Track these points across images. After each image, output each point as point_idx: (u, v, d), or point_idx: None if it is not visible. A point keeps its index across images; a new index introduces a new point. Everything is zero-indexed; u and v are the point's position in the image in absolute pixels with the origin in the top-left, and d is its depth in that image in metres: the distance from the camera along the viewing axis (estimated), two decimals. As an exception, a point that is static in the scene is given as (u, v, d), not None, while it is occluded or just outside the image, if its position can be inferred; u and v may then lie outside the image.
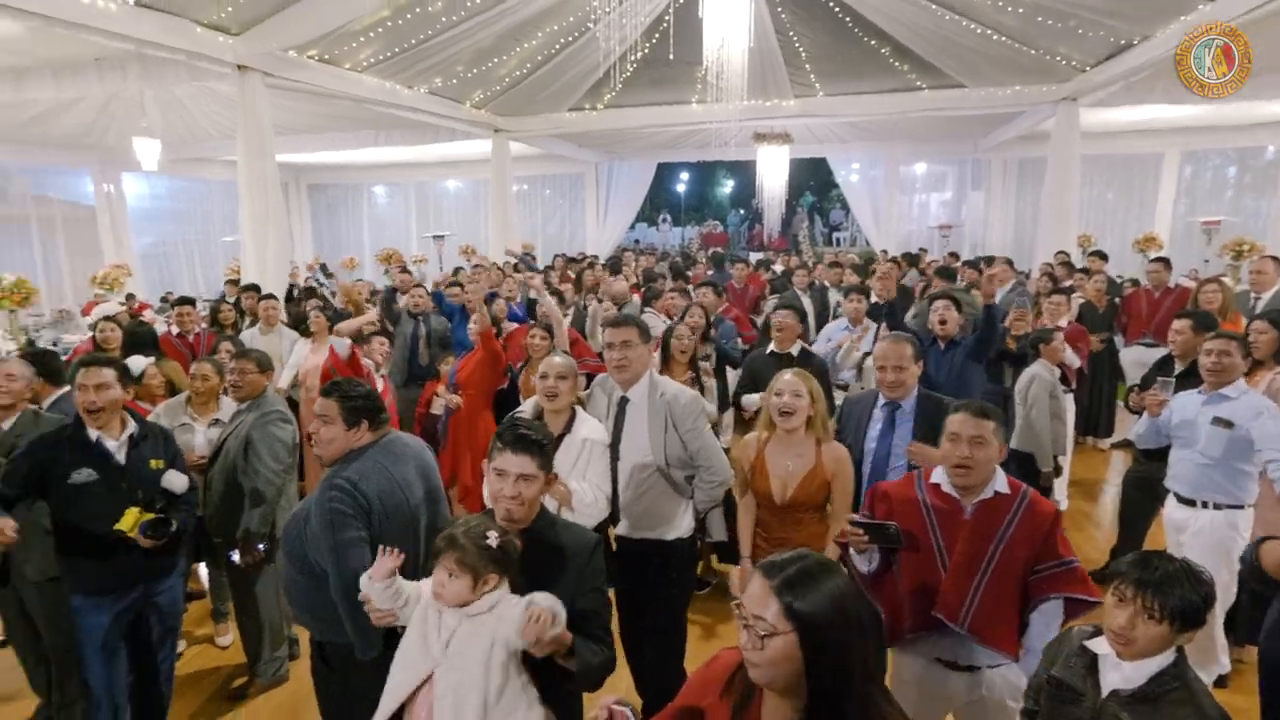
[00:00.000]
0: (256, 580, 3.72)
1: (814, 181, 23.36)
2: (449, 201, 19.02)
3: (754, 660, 1.44)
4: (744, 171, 21.14)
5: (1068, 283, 7.45)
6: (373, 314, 5.12)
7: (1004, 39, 9.18)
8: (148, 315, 8.75)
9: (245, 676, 3.86)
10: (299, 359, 5.84)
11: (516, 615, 1.87)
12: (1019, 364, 5.05)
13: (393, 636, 2.11)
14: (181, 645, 4.19)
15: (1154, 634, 1.73)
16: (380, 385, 4.91)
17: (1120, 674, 1.79)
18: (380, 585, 1.99)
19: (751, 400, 4.41)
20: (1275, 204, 12.55)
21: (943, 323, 4.45)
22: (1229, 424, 3.30)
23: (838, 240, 20.54)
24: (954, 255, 12.29)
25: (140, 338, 4.78)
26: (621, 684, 3.50)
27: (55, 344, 7.40)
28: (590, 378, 3.43)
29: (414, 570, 2.28)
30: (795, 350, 4.60)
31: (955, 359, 4.37)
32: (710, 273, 9.40)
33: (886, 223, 16.06)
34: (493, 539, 1.91)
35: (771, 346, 4.67)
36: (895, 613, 2.44)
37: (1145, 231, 13.20)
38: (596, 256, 13.35)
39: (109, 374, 2.91)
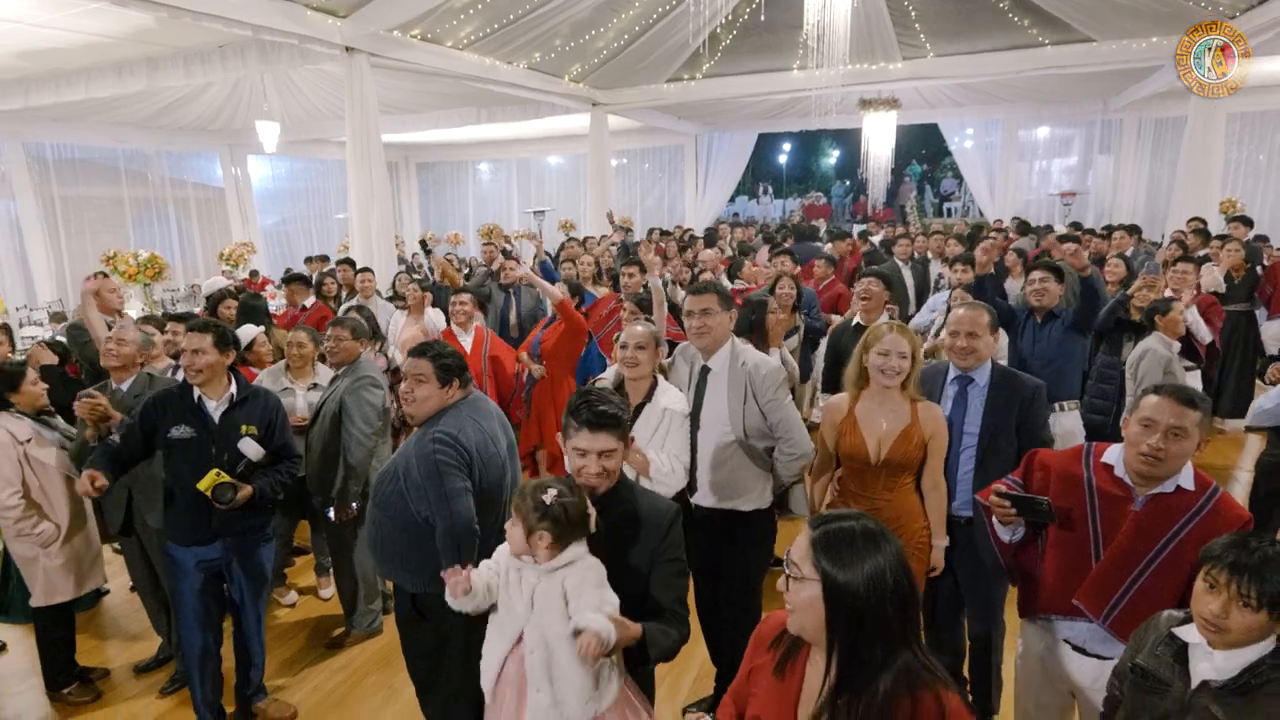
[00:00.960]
0: (352, 537, 3.90)
1: (925, 149, 22.20)
2: (550, 177, 19.30)
3: (787, 602, 1.48)
4: (850, 140, 20.30)
5: (1201, 251, 6.76)
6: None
7: (1140, -16, 8.38)
8: (268, 291, 9.34)
9: (343, 627, 4.08)
10: (396, 330, 6.06)
11: (596, 569, 1.90)
12: (1142, 335, 4.62)
13: None
14: (293, 596, 4.47)
15: (1249, 623, 1.58)
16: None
17: (1211, 663, 1.64)
18: (466, 599, 2.01)
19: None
20: None
21: (1039, 294, 4.11)
22: None
23: (949, 210, 19.50)
24: (1075, 225, 11.39)
25: (253, 309, 5.08)
26: (698, 654, 3.48)
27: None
28: (673, 346, 3.37)
29: (497, 523, 2.38)
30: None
31: (1054, 332, 4.04)
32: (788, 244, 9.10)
33: (1003, 191, 15.12)
34: (549, 496, 1.91)
35: (856, 318, 4.46)
36: (1032, 588, 2.32)
37: (1304, 196, 11.84)
38: (691, 230, 13.21)
39: (206, 339, 3.06)
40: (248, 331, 4.77)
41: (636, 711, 2.02)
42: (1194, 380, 4.71)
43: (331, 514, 3.78)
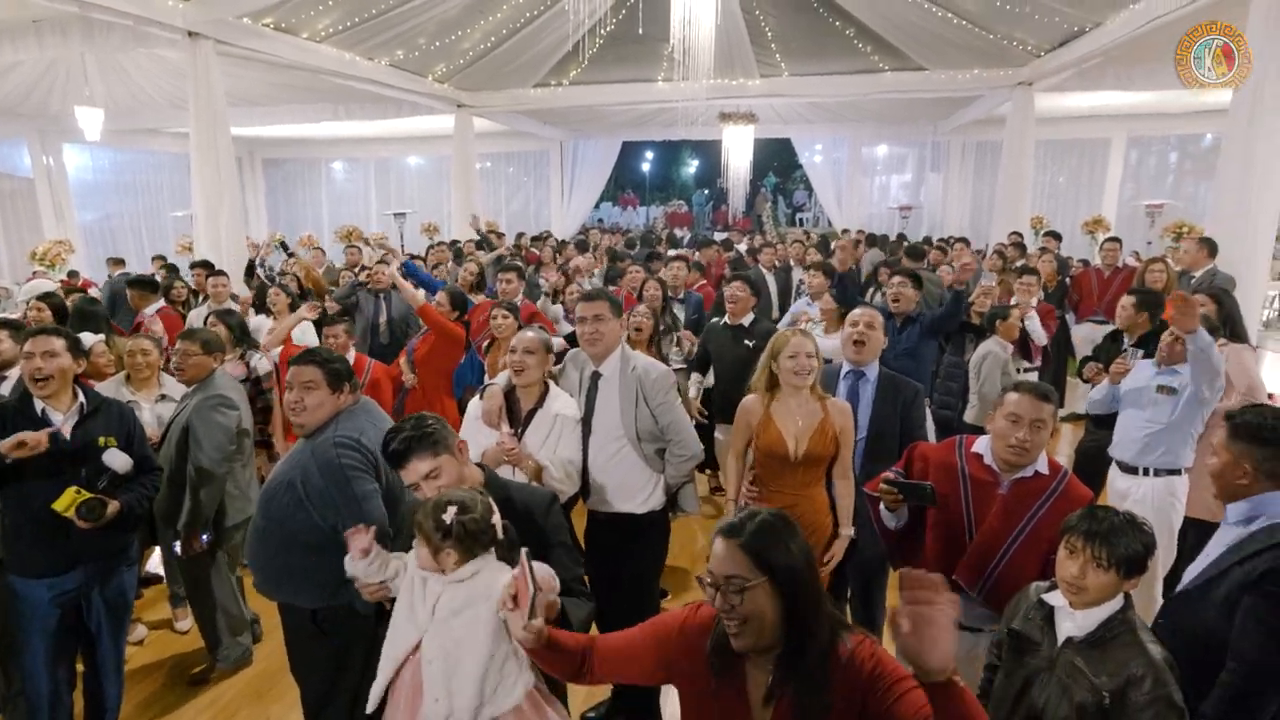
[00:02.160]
0: (209, 567, 3.64)
1: (778, 162, 23.46)
2: (410, 178, 18.65)
3: (734, 620, 1.53)
4: (709, 151, 21.10)
5: (1020, 262, 7.63)
6: (304, 311, 5.01)
7: (963, 23, 9.31)
8: (93, 293, 8.44)
9: (206, 662, 3.78)
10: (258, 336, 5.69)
11: (500, 585, 1.87)
12: (982, 338, 5.17)
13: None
14: (141, 631, 4.10)
15: (1103, 581, 1.85)
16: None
17: (1074, 622, 1.90)
18: (364, 562, 2.01)
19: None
20: (1213, 188, 13.02)
21: (896, 300, 4.56)
22: (1173, 390, 3.45)
23: (801, 220, 20.72)
24: (927, 240, 12.48)
25: (90, 314, 4.59)
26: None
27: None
28: (561, 355, 3.42)
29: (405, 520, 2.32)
30: (747, 321, 4.72)
31: (911, 335, 4.47)
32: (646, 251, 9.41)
33: (849, 204, 16.23)
34: (449, 515, 1.91)
35: (725, 319, 4.78)
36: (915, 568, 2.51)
37: (1094, 214, 13.58)
38: (548, 233, 13.24)
39: (59, 343, 2.79)
40: (86, 339, 4.33)
41: (540, 709, 2.03)
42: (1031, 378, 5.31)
43: (178, 548, 3.48)
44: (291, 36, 8.45)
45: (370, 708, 2.03)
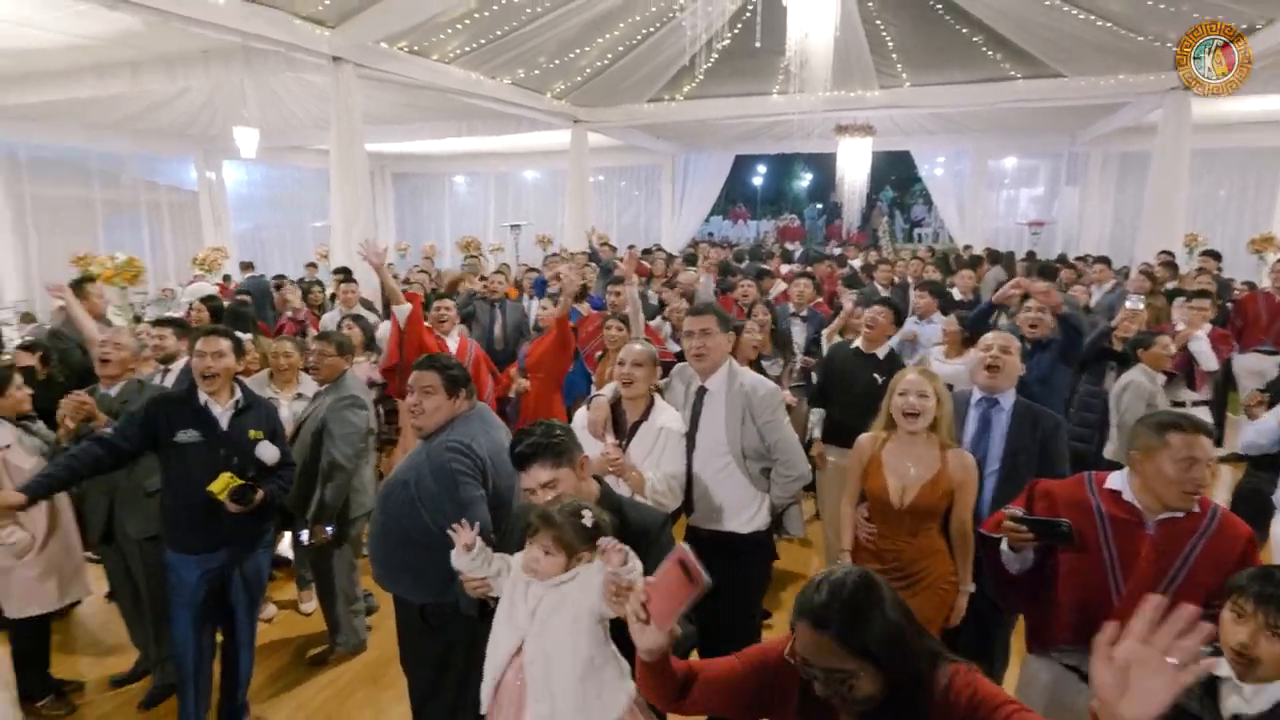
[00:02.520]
0: (333, 557, 3.87)
1: (895, 176, 22.72)
2: (527, 191, 19.33)
3: (846, 707, 1.48)
4: (822, 165, 20.71)
5: (1170, 284, 7.02)
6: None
7: (1108, 24, 8.68)
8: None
9: (326, 644, 4.02)
10: (383, 338, 6.02)
11: (599, 582, 1.89)
12: (1125, 366, 4.76)
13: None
14: (271, 610, 4.41)
15: (1278, 652, 1.62)
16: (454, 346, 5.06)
17: (1241, 697, 1.67)
18: (467, 557, 2.07)
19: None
20: None
21: (1034, 325, 4.17)
22: None
23: (919, 236, 19.96)
24: (1062, 259, 11.72)
25: (240, 315, 5.02)
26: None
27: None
28: (668, 367, 3.42)
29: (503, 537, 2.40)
30: (882, 353, 4.35)
31: (1043, 361, 4.11)
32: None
33: (972, 219, 15.48)
34: (588, 518, 1.94)
35: (857, 343, 4.48)
36: (1043, 620, 2.32)
37: (1262, 232, 12.30)
38: (658, 247, 13.31)
39: (225, 344, 3.09)
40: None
41: None
42: (1204, 415, 4.81)
43: (305, 536, 3.72)
44: (423, 59, 8.94)
45: (484, 708, 2.06)
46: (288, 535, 4.69)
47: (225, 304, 5.60)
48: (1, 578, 3.36)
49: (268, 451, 3.10)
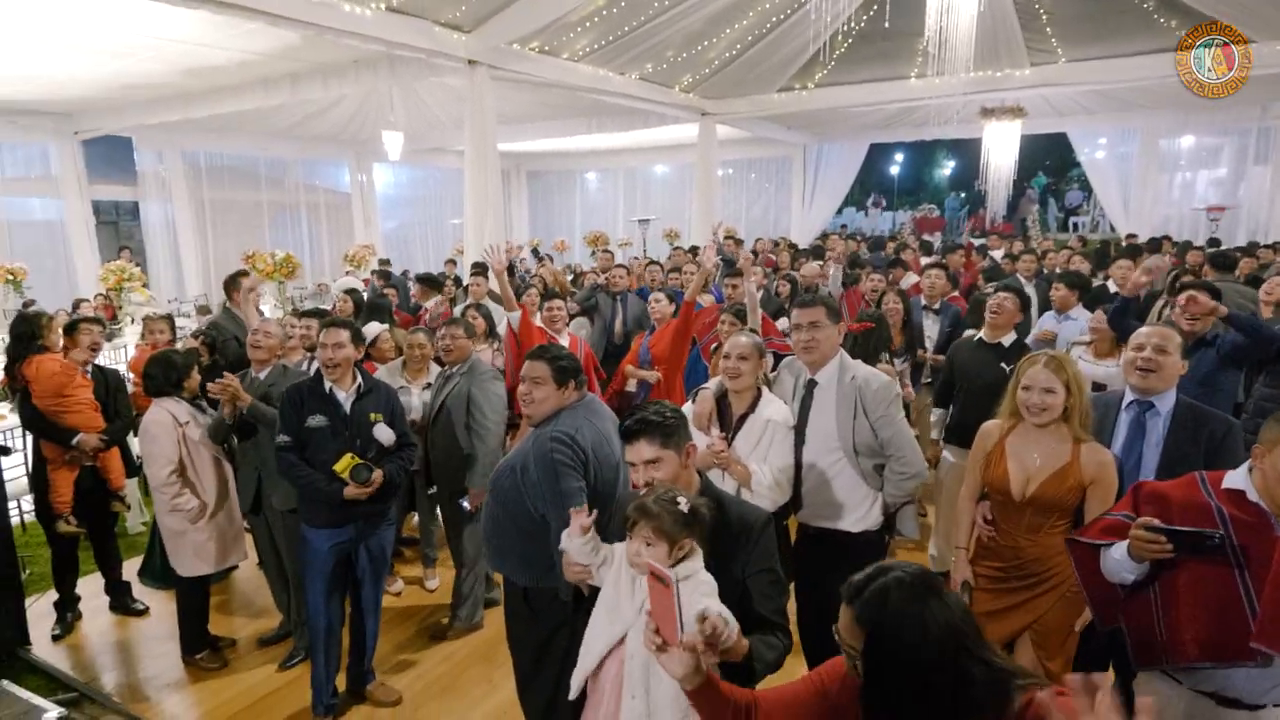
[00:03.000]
0: (464, 529, 4.04)
1: (1049, 161, 21.04)
2: (656, 186, 19.50)
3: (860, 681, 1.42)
4: (967, 151, 19.46)
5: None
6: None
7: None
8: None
9: (446, 618, 4.22)
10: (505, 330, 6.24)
11: (706, 581, 1.86)
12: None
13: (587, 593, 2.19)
14: (399, 585, 4.67)
15: None
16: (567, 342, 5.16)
17: None
18: (579, 540, 2.07)
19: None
20: None
21: (1193, 319, 3.69)
22: None
23: (1075, 225, 18.37)
24: (1214, 242, 10.48)
25: (378, 307, 5.36)
26: (797, 673, 3.39)
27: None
28: (778, 358, 3.32)
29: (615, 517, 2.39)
30: (1008, 341, 4.14)
31: (1203, 362, 3.63)
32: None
33: (1139, 205, 14.11)
34: (684, 503, 1.90)
35: (981, 333, 4.24)
36: (1160, 635, 2.12)
37: None
38: (784, 239, 13.02)
39: (345, 335, 3.31)
40: (373, 328, 5.04)
41: None
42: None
43: (466, 504, 3.91)
44: (553, 58, 9.19)
45: (572, 695, 2.07)
46: (415, 516, 4.97)
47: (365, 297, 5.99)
48: (176, 540, 3.74)
49: (384, 433, 3.30)
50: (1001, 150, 12.52)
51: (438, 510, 4.79)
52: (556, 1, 7.51)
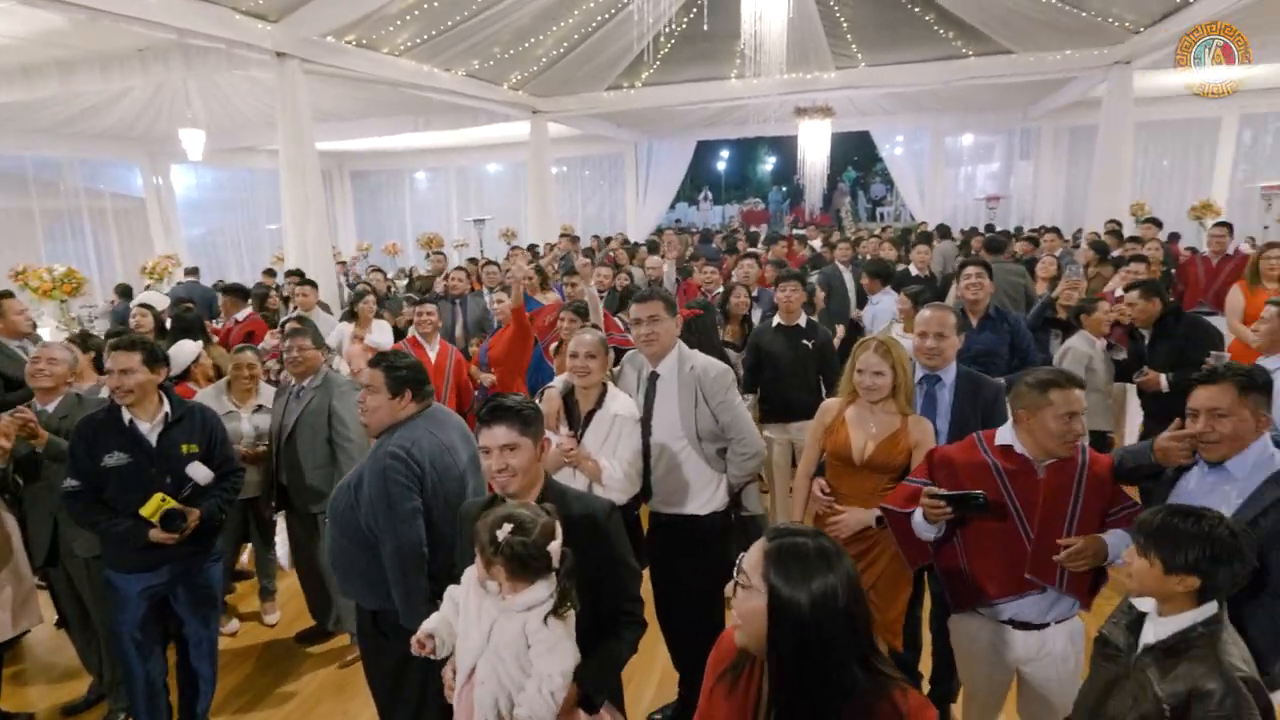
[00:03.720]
0: (314, 540, 3.78)
1: (858, 156, 22.87)
2: (490, 185, 19.14)
3: (734, 610, 1.46)
4: (786, 148, 20.72)
5: (1116, 252, 7.15)
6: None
7: (1053, 1, 8.80)
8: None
9: (292, 653, 3.94)
10: (338, 343, 5.90)
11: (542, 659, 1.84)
12: (1069, 333, 4.86)
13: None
14: (234, 625, 4.29)
15: (1140, 569, 1.76)
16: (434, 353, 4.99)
17: (1154, 628, 1.79)
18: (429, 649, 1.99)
19: None
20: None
21: (975, 289, 4.24)
22: None
23: (881, 215, 20.15)
24: (1017, 232, 11.93)
25: (186, 323, 4.86)
26: (659, 656, 3.49)
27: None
28: (620, 352, 3.40)
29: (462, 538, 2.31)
30: (803, 322, 4.57)
31: (985, 337, 4.17)
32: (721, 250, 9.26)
33: (931, 196, 15.67)
34: (502, 533, 1.80)
35: (777, 319, 4.60)
36: (967, 581, 2.47)
37: (1202, 198, 12.62)
38: (624, 238, 13.30)
39: (135, 358, 2.91)
40: (186, 349, 4.59)
41: None
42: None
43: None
44: (373, 52, 8.77)
45: None
46: (249, 547, 4.59)
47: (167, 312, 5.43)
48: (-50, 609, 3.22)
49: (200, 473, 2.97)
50: (815, 147, 13.48)
51: (276, 538, 4.48)
52: (372, -8, 7.17)
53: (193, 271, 11.25)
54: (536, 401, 3.10)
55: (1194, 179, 13.92)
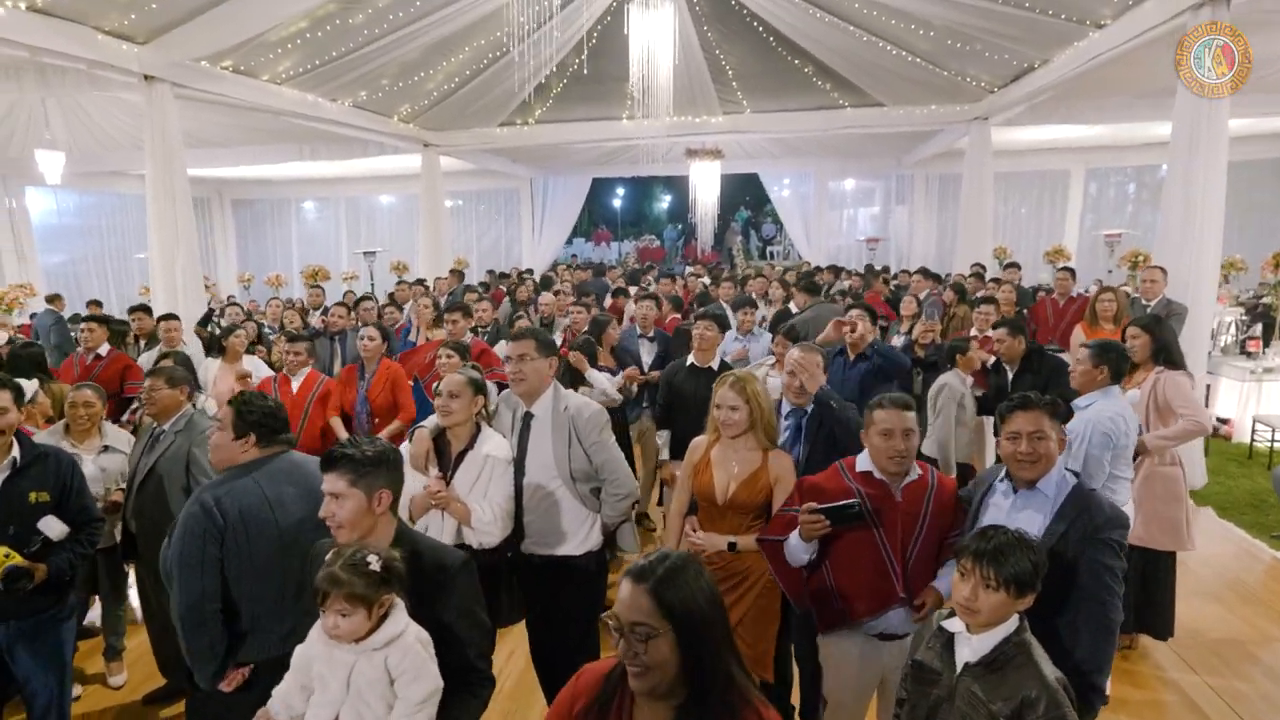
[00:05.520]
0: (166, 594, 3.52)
1: (749, 197, 23.75)
2: (382, 216, 18.66)
3: (638, 668, 1.47)
4: (680, 186, 21.31)
5: (980, 293, 7.72)
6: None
7: (918, 60, 9.54)
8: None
9: (141, 718, 3.64)
10: (209, 379, 5.60)
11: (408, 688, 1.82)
12: (930, 370, 5.20)
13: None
14: (76, 690, 3.92)
15: (994, 602, 1.85)
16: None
17: (970, 647, 1.90)
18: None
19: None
20: (1160, 218, 13.39)
21: (853, 331, 4.50)
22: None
23: (772, 254, 20.94)
24: (870, 268, 12.72)
25: (26, 360, 4.47)
26: (535, 704, 3.44)
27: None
28: (502, 387, 3.39)
29: (296, 592, 2.22)
30: (716, 364, 4.58)
31: (862, 373, 4.42)
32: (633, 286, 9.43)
33: (817, 237, 16.44)
34: (374, 562, 1.82)
35: (690, 359, 4.65)
36: (835, 601, 2.60)
37: (1055, 244, 13.83)
38: (530, 271, 13.29)
39: (5, 396, 2.74)
40: (24, 386, 4.22)
41: None
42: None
43: None
44: (251, 79, 8.47)
45: None
46: (99, 602, 4.23)
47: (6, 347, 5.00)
48: None
49: (53, 528, 2.76)
50: (706, 187, 13.92)
51: (129, 591, 4.14)
52: (247, 20, 6.92)
53: (54, 299, 10.41)
54: (402, 445, 3.05)
55: (1048, 226, 15.23)
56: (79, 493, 2.93)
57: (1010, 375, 4.82)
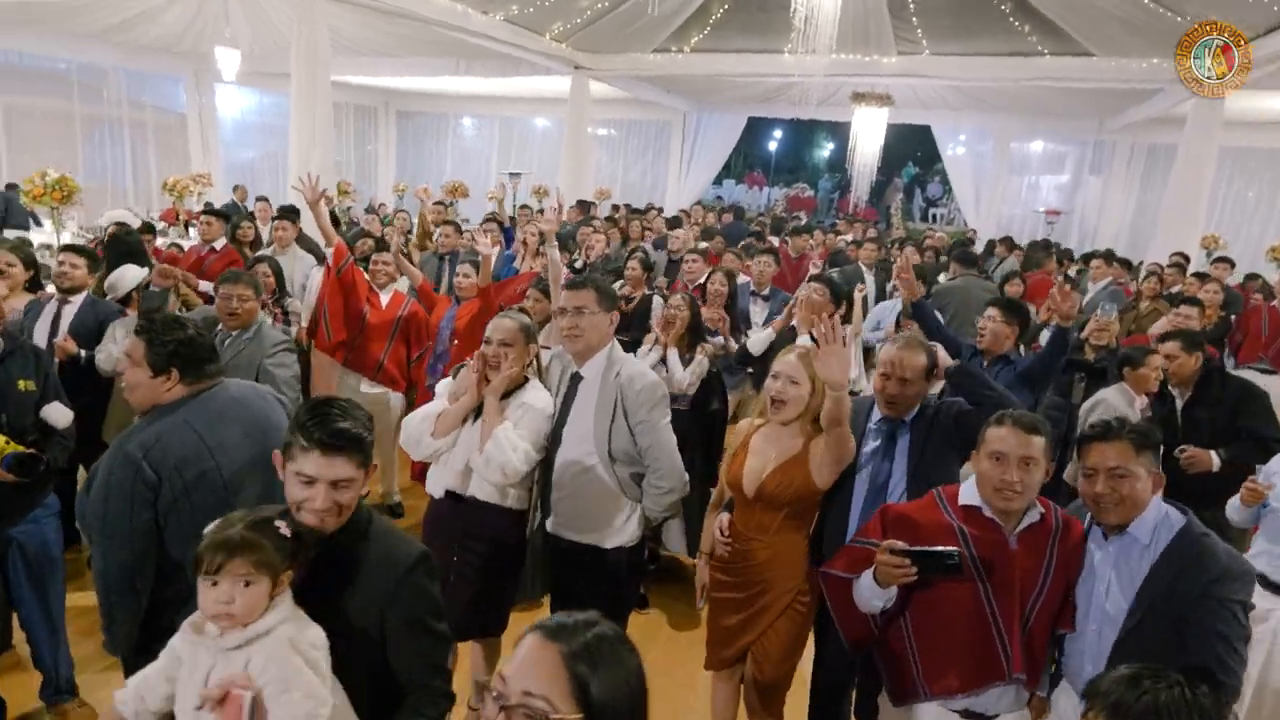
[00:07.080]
0: None
1: (920, 152, 21.80)
2: (535, 139, 18.66)
3: None
4: (845, 134, 19.78)
5: (1176, 288, 6.48)
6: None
7: (1147, 1, 7.96)
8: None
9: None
10: (314, 286, 5.61)
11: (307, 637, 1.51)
12: (1096, 378, 4.26)
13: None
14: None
15: None
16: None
17: None
18: None
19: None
20: None
21: (982, 334, 3.72)
22: None
23: (933, 217, 19.19)
24: (1046, 243, 11.11)
25: (127, 246, 4.53)
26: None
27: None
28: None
29: None
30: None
31: (1000, 379, 3.59)
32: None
33: (989, 203, 14.81)
34: (284, 526, 1.54)
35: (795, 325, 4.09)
36: (915, 668, 2.09)
37: (1283, 238, 11.62)
38: (660, 209, 12.82)
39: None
40: (130, 274, 4.31)
41: None
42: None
43: None
44: (403, -16, 8.36)
45: None
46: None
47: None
48: None
49: (60, 415, 2.65)
50: (869, 136, 12.73)
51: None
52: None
53: (236, 189, 11.07)
54: (439, 386, 2.74)
55: (1278, 216, 12.84)
56: (56, 388, 2.83)
57: (1179, 402, 3.76)
